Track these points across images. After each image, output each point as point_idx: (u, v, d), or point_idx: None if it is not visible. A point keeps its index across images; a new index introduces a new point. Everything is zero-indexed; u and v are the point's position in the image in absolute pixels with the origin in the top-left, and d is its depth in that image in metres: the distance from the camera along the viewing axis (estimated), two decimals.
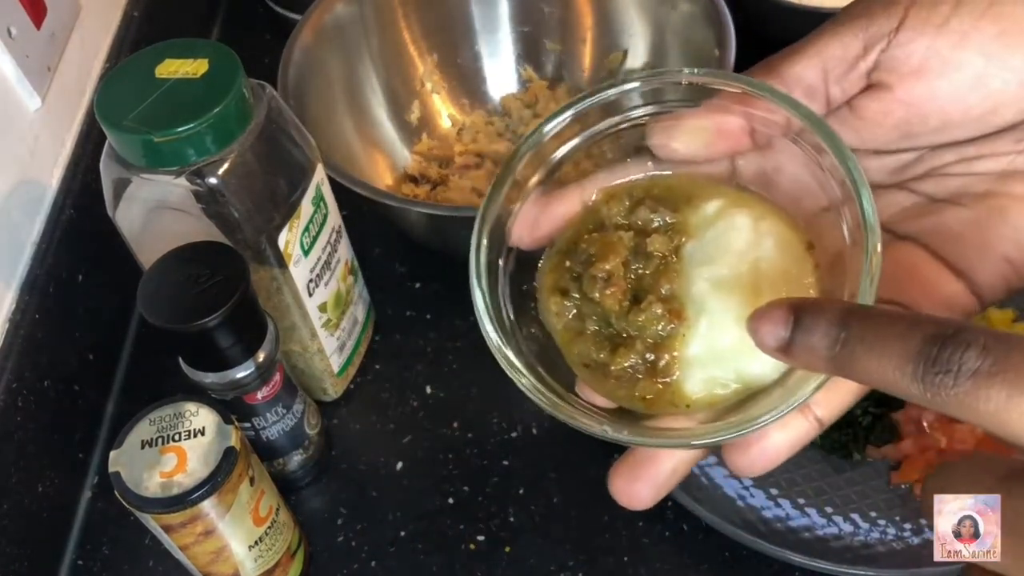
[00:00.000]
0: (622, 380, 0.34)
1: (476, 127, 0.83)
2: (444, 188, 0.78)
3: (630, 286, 0.34)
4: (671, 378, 0.33)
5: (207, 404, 0.50)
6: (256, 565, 0.54)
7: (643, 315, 0.33)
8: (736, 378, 0.33)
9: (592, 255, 0.35)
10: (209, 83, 0.49)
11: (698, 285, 0.34)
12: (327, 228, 0.59)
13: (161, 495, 0.47)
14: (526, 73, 0.85)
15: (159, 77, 0.49)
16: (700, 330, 0.33)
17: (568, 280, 0.35)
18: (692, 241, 0.35)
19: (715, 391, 0.33)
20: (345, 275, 0.63)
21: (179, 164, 0.49)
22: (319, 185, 0.57)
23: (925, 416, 0.60)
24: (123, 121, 0.48)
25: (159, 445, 0.49)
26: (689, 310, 0.33)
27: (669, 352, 0.33)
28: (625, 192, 0.36)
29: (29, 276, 0.62)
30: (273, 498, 0.54)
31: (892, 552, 0.56)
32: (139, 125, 0.48)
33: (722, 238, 0.34)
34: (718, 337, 0.33)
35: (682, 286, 0.34)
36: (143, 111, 0.48)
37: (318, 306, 0.60)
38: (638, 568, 0.59)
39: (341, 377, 0.66)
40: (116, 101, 0.49)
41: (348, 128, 0.76)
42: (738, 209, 0.35)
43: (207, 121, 0.48)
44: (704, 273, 0.34)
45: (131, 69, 0.51)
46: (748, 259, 0.34)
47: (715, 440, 0.31)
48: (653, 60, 0.80)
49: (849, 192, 0.32)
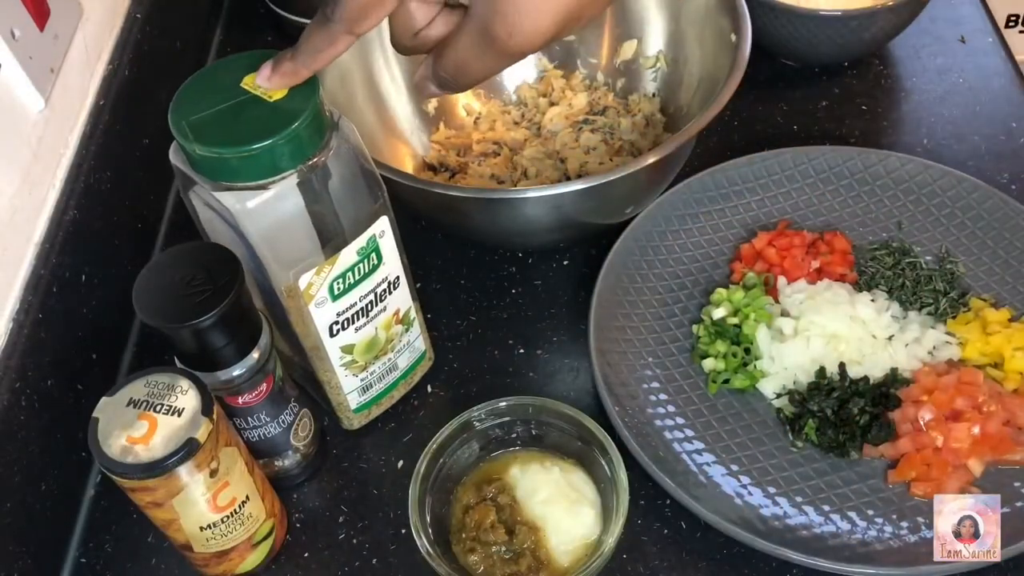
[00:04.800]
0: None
1: (492, 116, 0.84)
2: (463, 176, 0.79)
3: (504, 525, 0.58)
4: (550, 562, 0.57)
5: (198, 388, 0.51)
6: (208, 544, 0.55)
7: (518, 537, 0.57)
8: (578, 542, 0.58)
9: (477, 519, 0.58)
10: (277, 109, 0.48)
11: (536, 508, 0.58)
12: (374, 278, 0.58)
13: (117, 457, 0.48)
14: (541, 63, 0.86)
15: (242, 87, 0.49)
16: (551, 530, 0.58)
17: (468, 541, 0.58)
18: (517, 490, 0.60)
19: (574, 557, 0.57)
20: (390, 324, 0.62)
21: (221, 180, 0.49)
22: (375, 237, 0.56)
23: (922, 415, 0.61)
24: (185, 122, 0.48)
25: (141, 409, 0.50)
26: (539, 523, 0.58)
27: (543, 550, 0.57)
28: (471, 483, 0.61)
29: (33, 276, 0.62)
30: (241, 492, 0.55)
31: (889, 550, 0.56)
32: (195, 132, 0.48)
33: (532, 479, 0.60)
34: (561, 527, 0.58)
35: (529, 513, 0.58)
36: (209, 117, 0.48)
37: (341, 347, 0.59)
38: (636, 565, 0.59)
39: (359, 414, 0.65)
40: (189, 103, 0.49)
41: (370, 118, 0.77)
42: (527, 463, 0.61)
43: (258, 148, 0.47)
44: (535, 500, 0.59)
45: (215, 74, 0.51)
46: (552, 481, 0.59)
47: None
48: (668, 48, 0.81)
49: None
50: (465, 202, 0.66)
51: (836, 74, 0.88)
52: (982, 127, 0.82)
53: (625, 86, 0.84)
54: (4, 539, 0.57)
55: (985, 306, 0.67)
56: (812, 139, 0.82)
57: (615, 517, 0.56)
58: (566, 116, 0.82)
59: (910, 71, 0.88)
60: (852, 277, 0.70)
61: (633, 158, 0.74)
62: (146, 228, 0.79)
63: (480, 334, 0.72)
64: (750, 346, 0.66)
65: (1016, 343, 0.63)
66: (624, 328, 0.68)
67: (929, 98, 0.85)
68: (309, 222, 0.52)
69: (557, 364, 0.70)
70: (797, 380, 0.65)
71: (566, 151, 0.79)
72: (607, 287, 0.69)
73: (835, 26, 0.81)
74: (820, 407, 0.63)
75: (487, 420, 0.60)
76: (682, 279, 0.72)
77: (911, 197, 0.74)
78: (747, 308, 0.68)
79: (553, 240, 0.75)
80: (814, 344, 0.65)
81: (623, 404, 0.63)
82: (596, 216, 0.71)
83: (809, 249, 0.71)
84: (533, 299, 0.74)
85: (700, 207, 0.75)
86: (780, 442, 0.63)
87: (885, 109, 0.85)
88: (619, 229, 0.71)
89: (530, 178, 0.78)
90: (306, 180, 0.50)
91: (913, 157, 0.75)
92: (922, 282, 0.69)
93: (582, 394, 0.68)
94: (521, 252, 0.77)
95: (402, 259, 0.60)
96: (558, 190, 0.62)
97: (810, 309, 0.67)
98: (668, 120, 0.81)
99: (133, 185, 0.77)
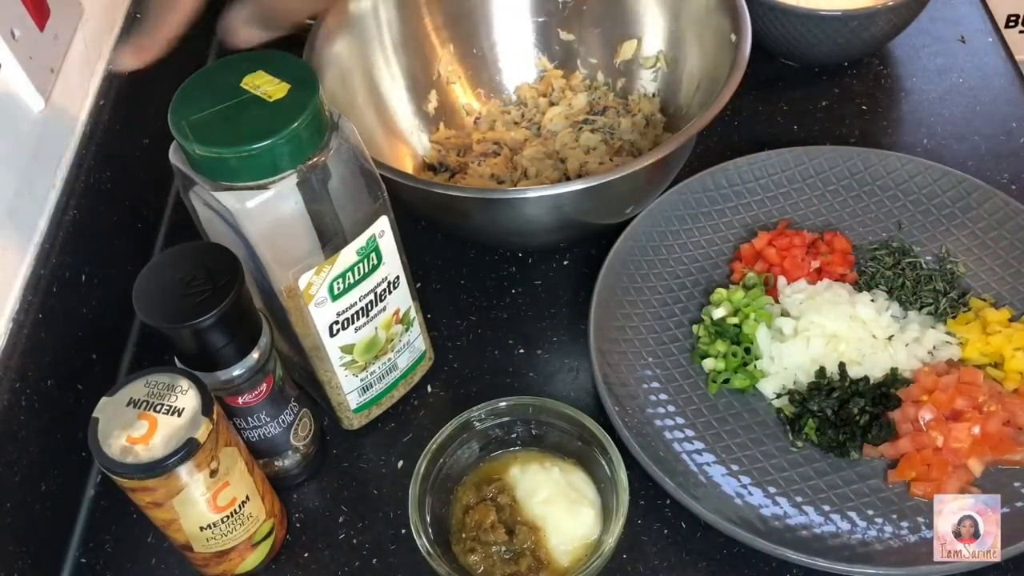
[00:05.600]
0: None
1: (492, 116, 0.84)
2: (463, 176, 0.79)
3: (504, 525, 0.58)
4: (550, 562, 0.57)
5: (198, 388, 0.51)
6: (208, 544, 0.55)
7: (518, 537, 0.57)
8: (578, 542, 0.58)
9: (476, 519, 0.58)
10: (277, 109, 0.48)
11: (536, 508, 0.58)
12: (374, 278, 0.58)
13: (117, 457, 0.48)
14: (541, 63, 0.86)
15: (242, 87, 0.49)
16: (551, 530, 0.57)
17: (468, 542, 0.58)
18: (517, 490, 0.60)
19: (573, 557, 0.57)
20: (390, 324, 0.62)
21: (221, 180, 0.49)
22: (375, 237, 0.56)
23: (922, 415, 0.61)
24: (185, 122, 0.48)
25: (141, 409, 0.50)
26: (539, 523, 0.58)
27: (543, 550, 0.57)
28: (471, 484, 0.61)
29: (33, 276, 0.62)
30: (241, 492, 0.55)
31: (889, 550, 0.56)
32: (195, 132, 0.48)
33: (532, 479, 0.60)
34: (561, 527, 0.57)
35: (528, 513, 0.58)
36: (209, 117, 0.48)
37: (340, 347, 0.59)
38: (636, 565, 0.59)
39: (359, 414, 0.65)
40: (189, 103, 0.49)
41: (370, 118, 0.77)
42: (527, 463, 0.61)
43: (258, 148, 0.47)
44: (535, 500, 0.59)
45: (215, 75, 0.51)
46: (552, 481, 0.59)
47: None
48: (668, 48, 0.81)
49: None
50: (465, 202, 0.66)
51: (836, 74, 0.88)
52: (982, 127, 0.82)
53: (625, 86, 0.84)
54: (4, 539, 0.57)
55: (985, 306, 0.67)
56: (812, 139, 0.82)
57: (615, 517, 0.56)
58: (566, 116, 0.82)
59: (910, 71, 0.88)
60: (852, 277, 0.70)
61: (633, 158, 0.74)
62: (146, 228, 0.80)
63: (480, 334, 0.72)
64: (750, 346, 0.66)
65: (1016, 343, 0.63)
66: (624, 328, 0.68)
67: (929, 98, 0.85)
68: (309, 222, 0.52)
69: (557, 364, 0.70)
70: (797, 380, 0.65)
71: (566, 151, 0.79)
72: (607, 287, 0.69)
73: (835, 26, 0.81)
74: (820, 407, 0.63)
75: (487, 420, 0.60)
76: (682, 279, 0.72)
77: (911, 197, 0.74)
78: (747, 308, 0.68)
79: (553, 240, 0.75)
80: (814, 344, 0.65)
81: (623, 404, 0.63)
82: (596, 216, 0.71)
83: (809, 249, 0.71)
84: (533, 299, 0.74)
85: (700, 207, 0.75)
86: (780, 442, 0.63)
87: (885, 109, 0.85)
88: (619, 229, 0.71)
89: (530, 178, 0.78)
90: (306, 180, 0.50)
91: (913, 157, 0.75)
92: (922, 282, 0.69)
93: (582, 394, 0.68)
94: (521, 252, 0.77)
95: (402, 259, 0.60)
96: (558, 190, 0.62)
97: (810, 309, 0.67)
98: (668, 120, 0.81)
99: (133, 185, 0.77)
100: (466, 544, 0.58)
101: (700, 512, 0.58)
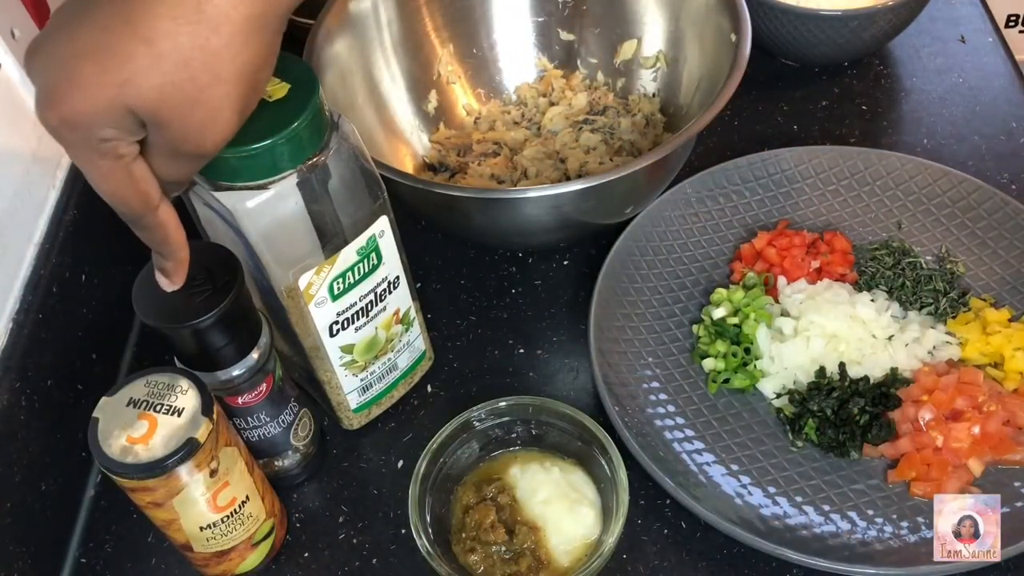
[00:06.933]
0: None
1: (492, 116, 0.84)
2: (463, 176, 0.79)
3: (504, 525, 0.58)
4: (550, 562, 0.57)
5: (198, 388, 0.51)
6: (208, 544, 0.55)
7: (518, 537, 0.57)
8: (578, 542, 0.58)
9: (477, 519, 0.58)
10: (277, 109, 0.48)
11: (536, 508, 0.58)
12: (374, 278, 0.58)
13: (118, 457, 0.48)
14: (541, 63, 0.86)
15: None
16: (551, 530, 0.58)
17: (468, 541, 0.58)
18: (517, 490, 0.60)
19: (573, 557, 0.57)
20: (390, 323, 0.62)
21: (221, 180, 0.49)
22: (375, 237, 0.56)
23: (922, 415, 0.61)
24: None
25: (141, 409, 0.50)
26: (539, 523, 0.58)
27: (543, 550, 0.57)
28: (471, 483, 0.61)
29: (33, 276, 0.62)
30: (241, 492, 0.55)
31: (889, 550, 0.56)
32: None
33: (532, 479, 0.60)
34: (561, 527, 0.58)
35: (528, 513, 0.58)
36: None
37: (341, 347, 0.59)
38: (636, 565, 0.59)
39: (359, 414, 0.65)
40: None
41: (370, 118, 0.77)
42: (527, 463, 0.61)
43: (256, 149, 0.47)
44: (535, 500, 0.59)
45: None
46: (552, 481, 0.59)
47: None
48: (668, 48, 0.81)
49: None
50: (465, 202, 0.66)
51: (836, 74, 0.88)
52: (982, 127, 0.82)
53: (625, 86, 0.84)
54: (4, 539, 0.57)
55: (985, 306, 0.67)
56: (812, 139, 0.82)
57: (615, 517, 0.56)
58: (566, 116, 0.82)
59: (910, 71, 0.88)
60: (852, 277, 0.70)
61: (633, 158, 0.74)
62: None
63: (480, 334, 0.72)
64: (750, 346, 0.66)
65: (1016, 343, 0.63)
66: (624, 328, 0.68)
67: (929, 98, 0.85)
68: (309, 222, 0.52)
69: (557, 364, 0.70)
70: (797, 380, 0.65)
71: (566, 151, 0.79)
72: (607, 287, 0.69)
73: (835, 26, 0.81)
74: (820, 407, 0.63)
75: (487, 420, 0.60)
76: (682, 279, 0.72)
77: (911, 197, 0.74)
78: (747, 308, 0.68)
79: (553, 240, 0.75)
80: (814, 344, 0.65)
81: (623, 404, 0.63)
82: (596, 216, 0.71)
83: (809, 249, 0.71)
84: (533, 299, 0.74)
85: (700, 207, 0.75)
86: (780, 442, 0.63)
87: (885, 109, 0.85)
88: (619, 229, 0.71)
89: (530, 178, 0.78)
90: (306, 180, 0.50)
91: (913, 157, 0.75)
92: (922, 282, 0.69)
93: (582, 394, 0.68)
94: (521, 252, 0.77)
95: (402, 259, 0.60)
96: (558, 190, 0.62)
97: (810, 309, 0.67)
98: (668, 120, 0.81)
99: None
100: (466, 544, 0.58)
101: (700, 512, 0.58)
